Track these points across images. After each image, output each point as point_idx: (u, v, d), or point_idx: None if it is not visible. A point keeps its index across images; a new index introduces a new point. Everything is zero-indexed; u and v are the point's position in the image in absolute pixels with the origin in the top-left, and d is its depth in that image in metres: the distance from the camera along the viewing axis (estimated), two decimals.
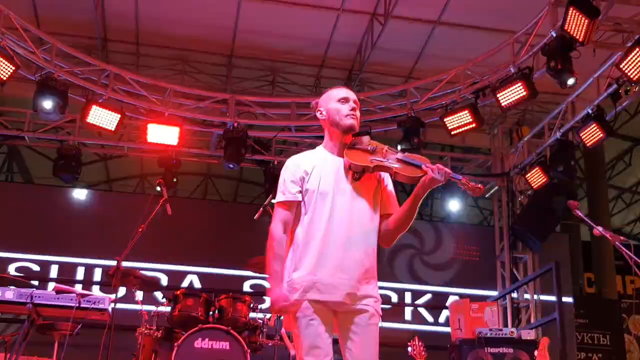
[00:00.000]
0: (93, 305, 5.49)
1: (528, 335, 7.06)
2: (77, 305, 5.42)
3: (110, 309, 5.68)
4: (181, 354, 6.40)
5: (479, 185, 3.11)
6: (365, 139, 3.30)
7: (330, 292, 3.13)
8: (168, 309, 7.00)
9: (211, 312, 6.99)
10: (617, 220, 17.42)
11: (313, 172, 3.27)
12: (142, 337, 6.67)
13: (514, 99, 7.91)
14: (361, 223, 3.22)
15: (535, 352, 6.41)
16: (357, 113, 3.36)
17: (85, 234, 10.04)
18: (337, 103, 3.35)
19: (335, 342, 3.19)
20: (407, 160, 3.18)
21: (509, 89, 7.92)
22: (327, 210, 3.20)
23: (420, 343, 6.33)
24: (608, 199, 14.24)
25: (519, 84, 7.83)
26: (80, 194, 10.81)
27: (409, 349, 6.32)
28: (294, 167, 3.32)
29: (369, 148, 3.24)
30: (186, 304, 6.92)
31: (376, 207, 3.28)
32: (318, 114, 3.44)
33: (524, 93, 7.83)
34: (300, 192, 3.25)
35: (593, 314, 12.36)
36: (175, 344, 6.46)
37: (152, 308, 7.00)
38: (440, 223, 13.07)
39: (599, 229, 4.64)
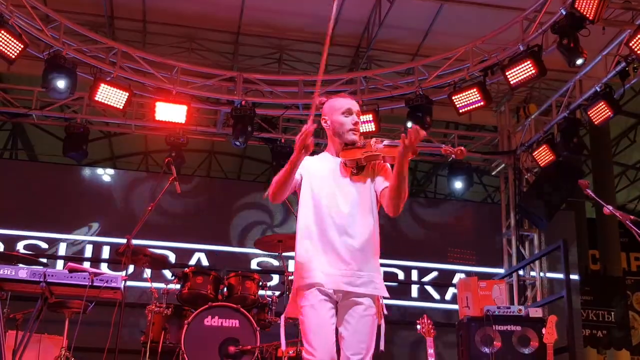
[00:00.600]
0: (106, 284, 5.53)
1: (535, 313, 7.12)
2: (90, 284, 5.46)
3: (122, 287, 5.72)
4: (191, 332, 6.49)
5: (462, 148, 3.29)
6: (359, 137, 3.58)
7: (332, 281, 3.30)
8: (177, 286, 7.06)
9: (220, 290, 7.05)
10: (621, 197, 17.42)
11: (316, 169, 3.50)
12: (152, 314, 6.73)
13: (522, 77, 7.88)
14: (361, 214, 3.41)
15: (543, 330, 6.43)
16: (359, 123, 3.59)
17: (92, 211, 10.09)
18: (342, 116, 3.54)
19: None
20: (391, 144, 3.43)
21: (517, 67, 7.88)
22: (328, 203, 3.41)
23: (429, 321, 6.36)
24: (613, 176, 14.23)
25: (528, 62, 7.80)
26: (94, 173, 10.85)
27: (418, 326, 6.34)
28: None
29: (360, 144, 3.51)
30: (195, 282, 6.97)
31: (372, 199, 3.49)
32: (322, 122, 3.60)
33: (533, 71, 7.79)
34: (301, 176, 3.46)
35: (598, 291, 12.42)
36: (185, 321, 6.54)
37: (162, 286, 7.05)
38: (445, 200, 13.08)
39: (609, 208, 4.67)
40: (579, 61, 7.58)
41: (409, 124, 9.06)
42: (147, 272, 7.95)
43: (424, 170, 16.38)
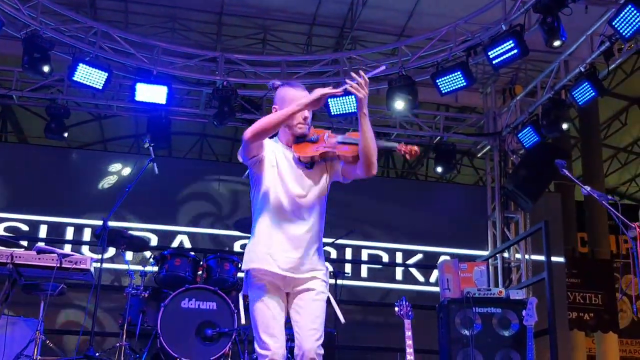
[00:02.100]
0: (74, 266, 5.48)
1: (516, 295, 7.06)
2: (59, 265, 5.40)
3: (92, 269, 5.67)
4: (168, 314, 6.44)
5: (415, 147, 3.36)
6: (310, 129, 3.56)
7: (279, 266, 3.38)
8: (155, 269, 7.00)
9: (199, 273, 6.99)
10: (612, 180, 17.39)
11: (272, 155, 3.49)
12: (130, 297, 6.68)
13: (505, 57, 7.77)
14: (313, 204, 3.48)
15: (524, 312, 6.39)
16: (309, 116, 3.54)
17: (76, 194, 10.01)
18: None
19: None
20: (347, 141, 3.44)
21: (499, 47, 7.77)
22: (281, 196, 3.44)
23: (407, 303, 6.32)
24: (602, 159, 14.19)
25: (510, 42, 7.68)
26: (80, 155, 10.76)
27: (396, 309, 6.30)
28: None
29: (312, 138, 3.50)
30: (174, 264, 6.91)
31: (325, 189, 3.55)
32: (273, 111, 3.56)
33: (515, 51, 7.68)
34: (263, 153, 3.45)
35: (586, 273, 12.42)
36: (162, 304, 6.48)
37: (140, 268, 7.00)
38: (433, 183, 13.05)
39: (586, 189, 4.61)
40: (557, 42, 7.49)
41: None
42: (128, 255, 7.88)
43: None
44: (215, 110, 9.08)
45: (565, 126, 8.83)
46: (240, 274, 6.89)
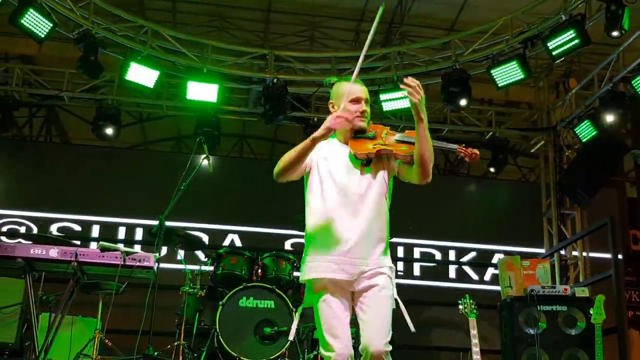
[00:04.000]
0: (138, 263, 5.42)
1: (582, 292, 6.85)
2: (122, 263, 5.35)
3: (155, 267, 5.62)
4: (226, 313, 6.40)
5: (475, 150, 3.33)
6: (369, 125, 3.54)
7: (342, 271, 3.34)
8: (211, 268, 6.96)
9: (254, 271, 6.94)
10: None
11: (326, 159, 3.49)
12: (186, 296, 6.64)
13: (565, 48, 7.58)
14: (372, 204, 3.42)
15: (591, 310, 6.20)
16: (368, 109, 3.55)
17: (126, 194, 10.04)
18: (350, 104, 3.50)
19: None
20: (405, 140, 3.42)
21: (559, 38, 7.58)
22: (338, 194, 3.41)
23: (471, 301, 6.18)
24: None
25: (571, 32, 7.50)
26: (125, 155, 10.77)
27: (460, 307, 6.16)
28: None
29: (369, 135, 3.48)
30: (230, 262, 6.88)
31: (384, 185, 3.50)
32: (330, 108, 3.60)
33: (576, 41, 7.50)
34: (311, 162, 3.47)
35: None
36: (220, 302, 6.44)
37: (195, 267, 6.96)
38: (481, 179, 12.81)
39: None
40: (615, 33, 7.29)
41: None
42: (181, 254, 7.86)
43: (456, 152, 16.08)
44: (264, 108, 9.02)
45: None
46: (297, 273, 6.87)
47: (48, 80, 9.86)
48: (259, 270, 6.95)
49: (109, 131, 9.48)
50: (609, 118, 8.54)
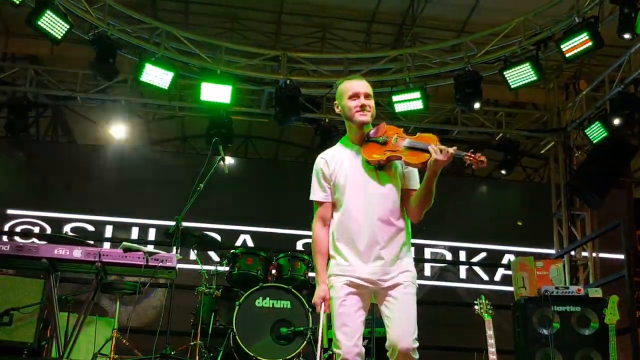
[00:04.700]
0: (161, 264, 5.45)
1: (595, 293, 6.89)
2: (145, 263, 5.39)
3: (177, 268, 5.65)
4: (243, 313, 6.41)
5: (483, 157, 3.25)
6: (382, 126, 3.55)
7: (365, 279, 3.40)
8: (226, 268, 6.99)
9: (269, 271, 6.98)
10: None
11: (338, 168, 3.54)
12: (202, 296, 6.68)
13: (578, 50, 7.63)
14: (389, 209, 3.45)
15: (604, 310, 6.24)
16: (370, 103, 3.53)
17: (135, 194, 10.10)
18: (349, 100, 3.52)
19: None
20: (413, 146, 3.38)
21: (573, 40, 7.63)
22: (356, 202, 3.46)
23: (487, 301, 6.21)
24: None
25: (585, 34, 7.55)
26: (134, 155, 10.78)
27: (476, 307, 6.18)
28: (322, 165, 3.61)
29: (380, 140, 3.47)
30: (245, 263, 6.90)
31: (400, 187, 3.52)
32: (335, 108, 3.65)
33: (590, 43, 7.55)
34: (330, 189, 3.56)
35: None
36: (237, 302, 6.46)
37: (211, 267, 7.00)
38: (491, 180, 12.87)
39: None
40: (627, 35, 7.34)
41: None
42: (193, 254, 7.90)
43: (460, 156, 16.10)
44: (276, 109, 9.06)
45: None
46: (311, 273, 6.91)
47: (59, 81, 9.90)
48: (274, 271, 6.98)
49: (122, 132, 9.51)
50: (619, 120, 8.58)
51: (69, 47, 9.37)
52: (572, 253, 9.63)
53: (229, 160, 6.59)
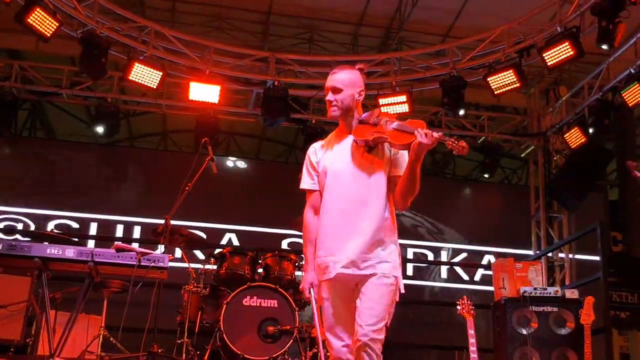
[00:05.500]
0: (153, 264, 5.51)
1: (572, 294, 7.13)
2: (138, 263, 5.45)
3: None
4: (230, 311, 6.50)
5: (464, 144, 3.20)
6: (376, 111, 3.53)
7: (346, 266, 3.35)
8: (214, 267, 7.07)
9: (258, 271, 7.08)
10: None
11: (325, 155, 3.54)
12: (190, 294, 6.76)
13: (560, 58, 7.83)
14: (374, 195, 3.40)
15: (580, 311, 6.45)
16: (339, 97, 3.49)
17: (119, 191, 10.12)
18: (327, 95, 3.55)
19: None
20: (400, 129, 3.35)
21: (555, 49, 7.83)
22: (339, 188, 3.44)
23: (469, 302, 6.39)
24: (636, 156, 14.15)
25: (566, 44, 7.74)
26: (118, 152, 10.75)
27: (458, 307, 6.37)
28: (310, 155, 3.63)
29: (371, 121, 3.45)
30: (233, 262, 6.99)
31: (386, 176, 3.47)
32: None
33: (571, 52, 7.74)
34: (318, 177, 3.55)
35: (622, 272, 12.40)
36: (225, 301, 6.55)
37: (199, 266, 7.07)
38: (470, 181, 13.07)
39: None
40: (604, 46, 7.54)
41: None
42: (178, 252, 7.96)
43: (442, 152, 16.32)
44: (264, 110, 9.14)
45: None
46: (298, 272, 7.03)
47: (45, 77, 9.85)
48: (261, 270, 7.08)
49: (108, 129, 9.50)
50: (598, 126, 8.81)
51: (53, 42, 9.33)
52: (550, 254, 9.86)
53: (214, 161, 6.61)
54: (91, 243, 9.44)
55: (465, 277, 10.53)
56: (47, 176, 9.99)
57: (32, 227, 9.65)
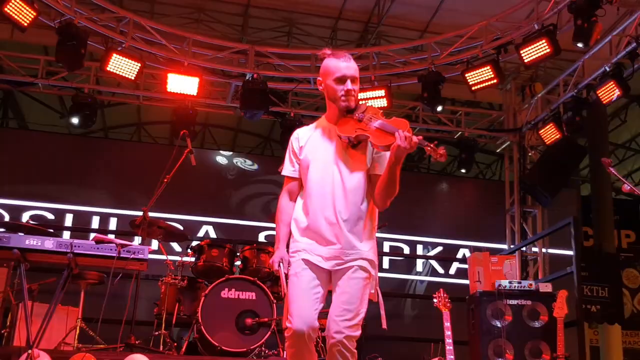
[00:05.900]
0: (133, 256, 5.51)
1: (545, 287, 7.25)
2: (118, 255, 5.44)
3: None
4: (208, 304, 6.51)
5: (444, 151, 3.16)
6: (363, 105, 3.44)
7: (319, 255, 3.35)
8: (192, 259, 7.08)
9: (236, 263, 7.09)
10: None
11: (308, 144, 3.49)
12: (167, 286, 6.76)
13: (537, 55, 7.94)
14: (353, 189, 3.39)
15: (553, 304, 6.58)
16: (356, 87, 3.43)
17: (95, 182, 10.04)
18: (334, 83, 3.41)
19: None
20: (382, 128, 3.29)
21: (532, 46, 7.93)
22: (319, 179, 3.41)
23: (445, 295, 6.48)
24: (609, 154, 14.39)
25: (543, 41, 7.85)
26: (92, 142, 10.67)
27: (435, 300, 6.46)
28: (293, 142, 3.58)
29: (356, 116, 3.38)
30: (211, 254, 7.00)
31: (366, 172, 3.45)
32: (318, 85, 3.55)
33: (548, 50, 7.85)
34: (299, 164, 3.50)
35: (593, 267, 12.62)
36: (202, 293, 6.56)
37: (176, 258, 7.06)
38: (445, 176, 13.19)
39: (629, 185, 4.86)
40: (580, 44, 7.66)
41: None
42: (155, 244, 7.94)
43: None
44: (243, 103, 9.12)
45: None
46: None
47: (18, 66, 9.71)
48: (240, 263, 7.10)
49: (83, 120, 9.41)
50: (572, 123, 8.94)
51: (27, 31, 9.21)
52: (523, 248, 10.00)
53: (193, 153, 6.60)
54: (67, 234, 9.38)
55: (441, 270, 10.65)
56: (22, 167, 9.85)
57: (7, 218, 9.53)
